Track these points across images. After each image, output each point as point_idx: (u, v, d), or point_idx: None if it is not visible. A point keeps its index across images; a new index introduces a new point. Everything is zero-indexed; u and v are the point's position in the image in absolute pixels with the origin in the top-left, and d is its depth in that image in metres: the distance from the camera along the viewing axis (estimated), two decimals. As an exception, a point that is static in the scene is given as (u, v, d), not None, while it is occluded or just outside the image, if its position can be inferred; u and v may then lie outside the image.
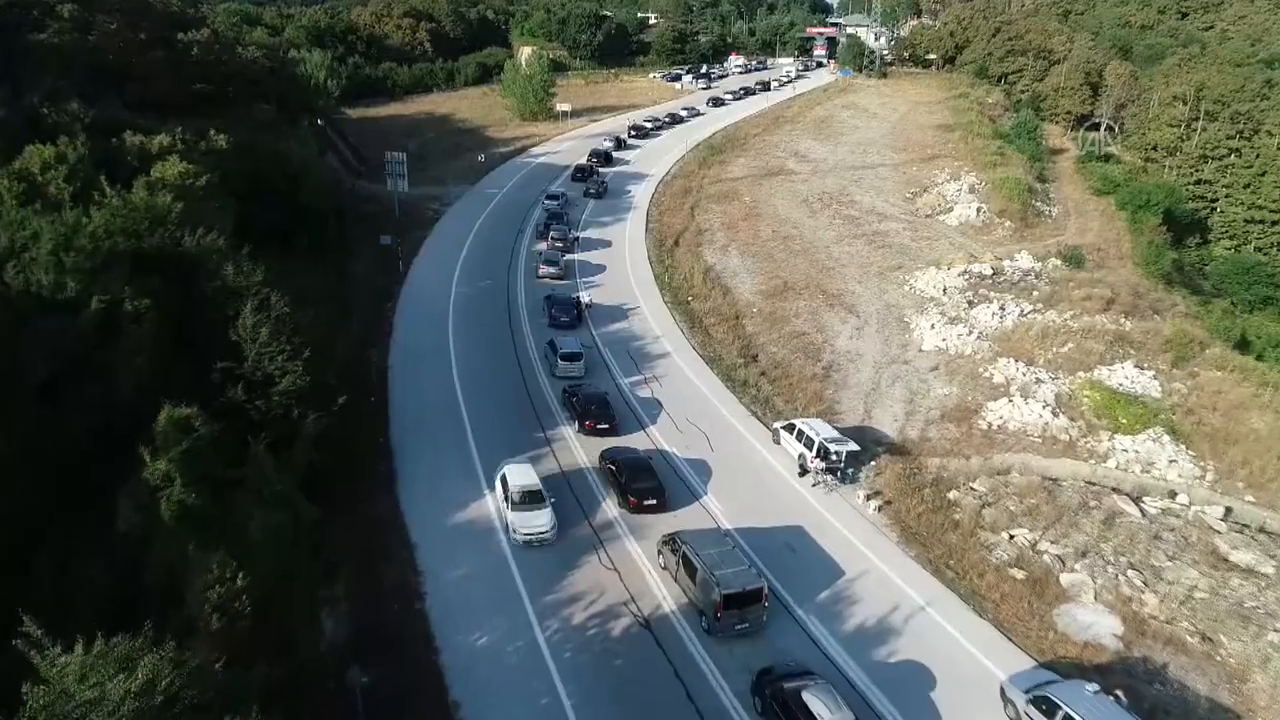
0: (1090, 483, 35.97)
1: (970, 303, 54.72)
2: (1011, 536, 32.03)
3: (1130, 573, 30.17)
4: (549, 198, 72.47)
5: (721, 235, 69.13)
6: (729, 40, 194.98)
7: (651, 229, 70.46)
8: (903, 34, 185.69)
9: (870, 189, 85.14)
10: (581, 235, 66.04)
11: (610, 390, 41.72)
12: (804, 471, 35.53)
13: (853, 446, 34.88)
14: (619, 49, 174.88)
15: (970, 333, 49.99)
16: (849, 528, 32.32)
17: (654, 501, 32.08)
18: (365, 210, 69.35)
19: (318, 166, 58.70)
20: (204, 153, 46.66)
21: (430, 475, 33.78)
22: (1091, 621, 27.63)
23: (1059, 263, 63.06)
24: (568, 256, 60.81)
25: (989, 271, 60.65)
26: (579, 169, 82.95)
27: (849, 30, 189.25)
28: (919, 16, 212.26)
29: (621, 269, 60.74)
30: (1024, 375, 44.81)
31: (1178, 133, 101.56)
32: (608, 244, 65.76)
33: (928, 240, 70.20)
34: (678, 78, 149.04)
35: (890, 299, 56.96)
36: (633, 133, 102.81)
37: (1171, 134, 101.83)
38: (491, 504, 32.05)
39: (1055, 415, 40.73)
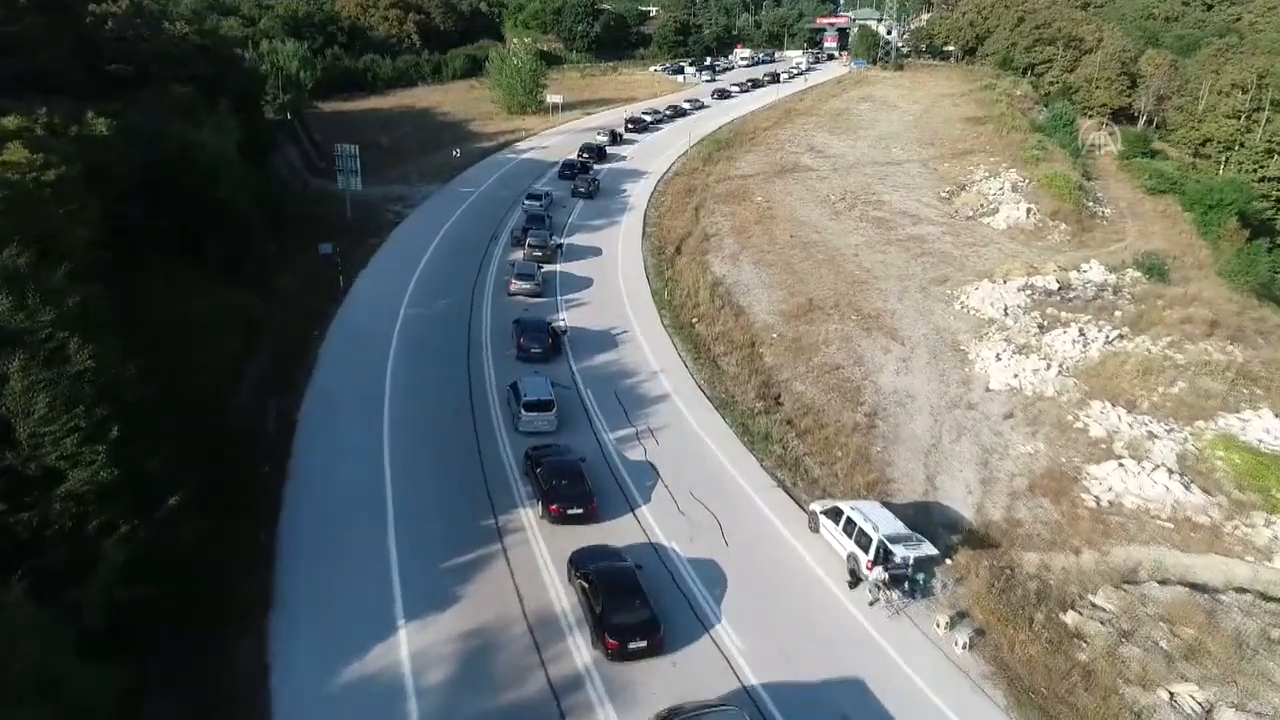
0: (1266, 596, 25.62)
1: (1041, 326, 44.35)
2: (1172, 696, 21.70)
3: (1373, 768, 19.91)
4: (530, 198, 62.25)
5: (731, 241, 58.89)
6: (734, 33, 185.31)
7: (649, 234, 60.29)
8: (914, 26, 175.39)
9: (899, 187, 74.89)
10: (566, 242, 55.79)
11: (589, 452, 31.50)
12: (856, 581, 25.29)
13: (927, 550, 24.60)
14: (618, 41, 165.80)
15: (1048, 366, 39.66)
16: (930, 680, 22.01)
17: (644, 643, 21.84)
18: (315, 212, 59.39)
19: (235, 159, 48.41)
20: (75, 139, 36.65)
21: (324, 596, 23.52)
22: None
23: (1137, 274, 52.67)
24: (548, 268, 50.63)
25: (1054, 285, 50.34)
26: (567, 165, 72.76)
27: (859, 22, 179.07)
28: (929, 9, 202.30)
29: (612, 283, 50.51)
30: (1129, 426, 34.48)
31: (1237, 125, 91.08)
32: (597, 252, 55.56)
33: (973, 247, 59.89)
34: (680, 71, 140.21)
35: (939, 320, 46.62)
36: (630, 126, 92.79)
37: (1230, 126, 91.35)
38: (405, 647, 21.87)
39: (1186, 488, 30.41)
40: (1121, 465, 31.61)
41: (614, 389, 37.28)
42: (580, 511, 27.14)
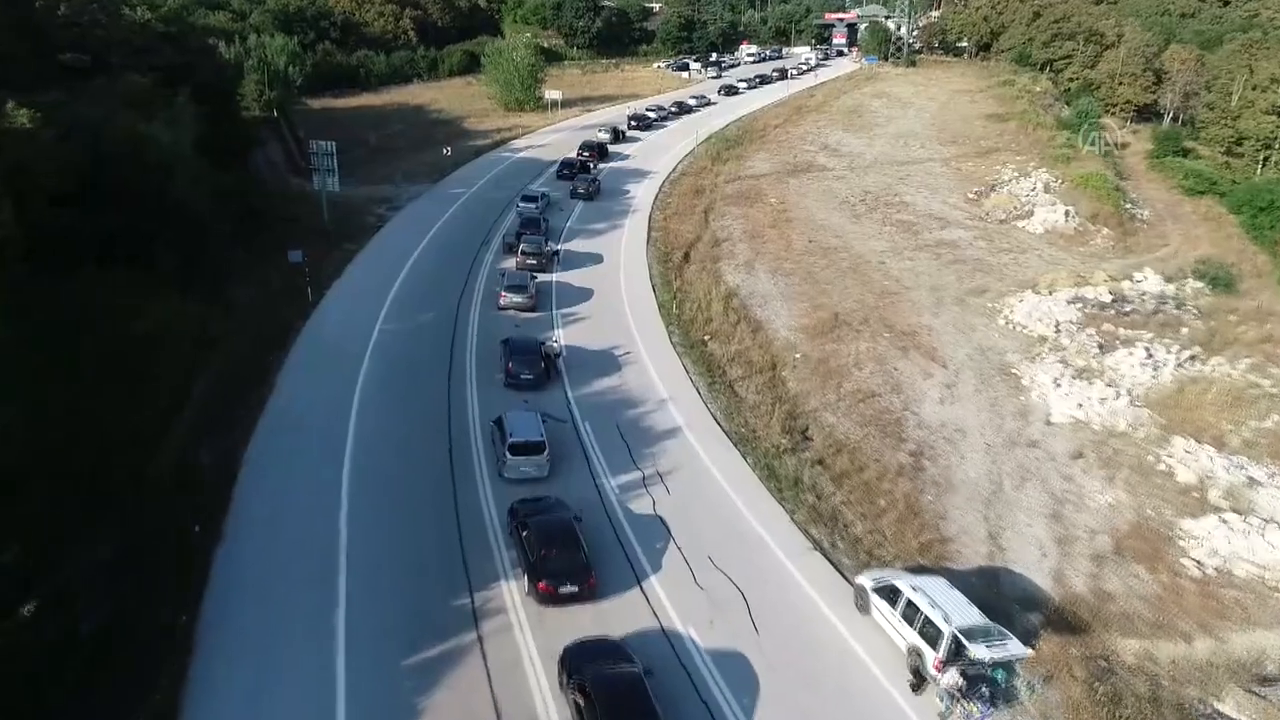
0: None
1: (1101, 346, 39.23)
2: None
3: None
4: (525, 199, 57.07)
5: (744, 247, 53.81)
6: (740, 28, 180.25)
7: (655, 239, 55.14)
8: (925, 22, 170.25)
9: (922, 188, 69.83)
10: (563, 248, 50.69)
11: (588, 502, 26.43)
12: (920, 683, 20.17)
13: (1013, 650, 19.42)
14: (620, 37, 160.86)
15: (1116, 394, 34.51)
16: (1030, 831, 16.95)
17: (656, 786, 16.76)
18: (292, 214, 54.33)
19: (191, 155, 43.33)
20: (-10, 134, 31.70)
21: (247, 710, 18.46)
22: None
23: (1198, 284, 47.52)
24: (543, 277, 45.52)
25: (1107, 297, 45.24)
26: (566, 164, 67.56)
27: (868, 19, 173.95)
28: (939, 4, 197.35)
29: (614, 294, 45.36)
30: (1224, 470, 29.35)
31: (1278, 122, 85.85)
32: (598, 259, 50.42)
33: (1010, 253, 54.75)
34: (685, 67, 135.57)
35: (983, 338, 41.50)
36: (633, 123, 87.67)
37: (1270, 123, 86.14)
38: (344, 789, 16.82)
39: (1309, 551, 25.28)
40: (1224, 521, 26.49)
41: (616, 421, 32.14)
42: (575, 589, 22.03)
